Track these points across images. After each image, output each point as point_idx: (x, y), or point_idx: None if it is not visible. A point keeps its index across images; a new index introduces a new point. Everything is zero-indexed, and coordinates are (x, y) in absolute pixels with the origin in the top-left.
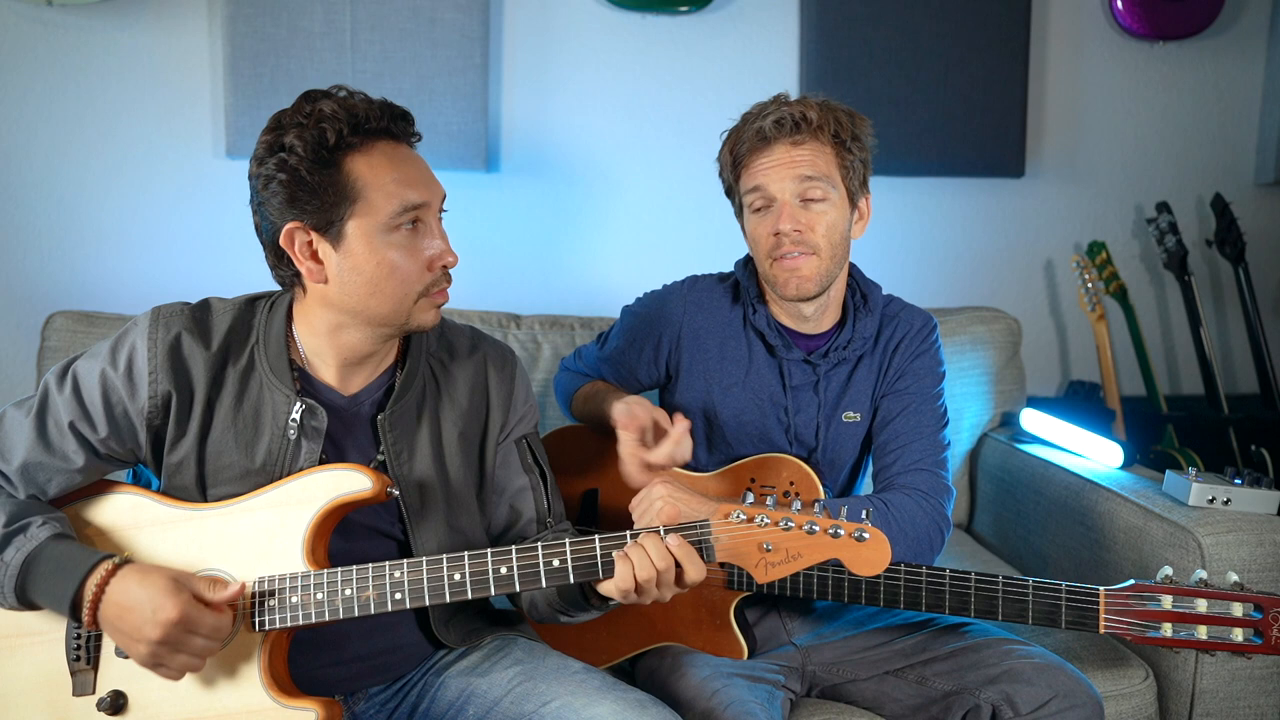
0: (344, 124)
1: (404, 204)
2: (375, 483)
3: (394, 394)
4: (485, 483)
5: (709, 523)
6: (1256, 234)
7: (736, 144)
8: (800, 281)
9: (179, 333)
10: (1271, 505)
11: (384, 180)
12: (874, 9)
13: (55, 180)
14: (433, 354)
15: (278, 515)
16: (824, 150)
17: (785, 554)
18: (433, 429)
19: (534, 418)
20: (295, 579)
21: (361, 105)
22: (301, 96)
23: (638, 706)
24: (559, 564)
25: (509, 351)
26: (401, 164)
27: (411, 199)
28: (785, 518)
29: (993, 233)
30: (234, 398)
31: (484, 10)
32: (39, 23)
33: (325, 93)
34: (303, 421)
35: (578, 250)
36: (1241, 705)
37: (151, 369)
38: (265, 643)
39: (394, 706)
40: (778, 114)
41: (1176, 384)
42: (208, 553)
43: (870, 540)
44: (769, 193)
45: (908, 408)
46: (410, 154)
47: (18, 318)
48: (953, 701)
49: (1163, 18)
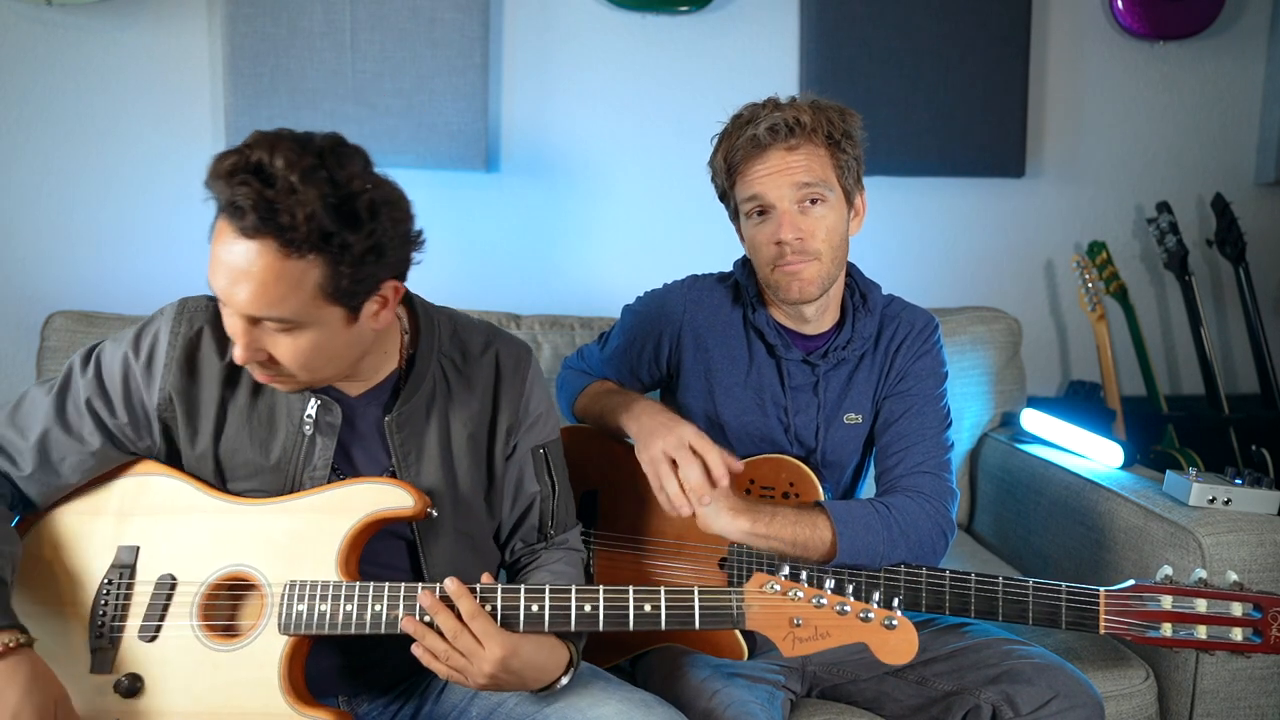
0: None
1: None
2: (417, 501)
3: (400, 396)
4: (494, 485)
5: (744, 591)
6: (1257, 234)
7: (730, 151)
8: (803, 285)
9: (201, 327)
10: (1272, 505)
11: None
12: (874, 9)
13: (55, 180)
14: (445, 354)
15: (316, 521)
16: (818, 153)
17: (814, 631)
18: (441, 431)
19: (551, 424)
20: (327, 588)
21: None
22: (331, 148)
23: (643, 707)
24: (590, 610)
25: (525, 349)
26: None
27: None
28: (818, 595)
29: (993, 233)
30: (249, 395)
31: (484, 10)
32: (39, 22)
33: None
34: (318, 418)
35: (578, 250)
36: (1242, 705)
37: (168, 361)
38: (288, 647)
39: (398, 707)
40: (770, 120)
41: (1177, 384)
42: (243, 548)
43: (899, 629)
44: (767, 200)
45: (910, 409)
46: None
47: (18, 318)
48: (953, 702)
49: (1163, 18)
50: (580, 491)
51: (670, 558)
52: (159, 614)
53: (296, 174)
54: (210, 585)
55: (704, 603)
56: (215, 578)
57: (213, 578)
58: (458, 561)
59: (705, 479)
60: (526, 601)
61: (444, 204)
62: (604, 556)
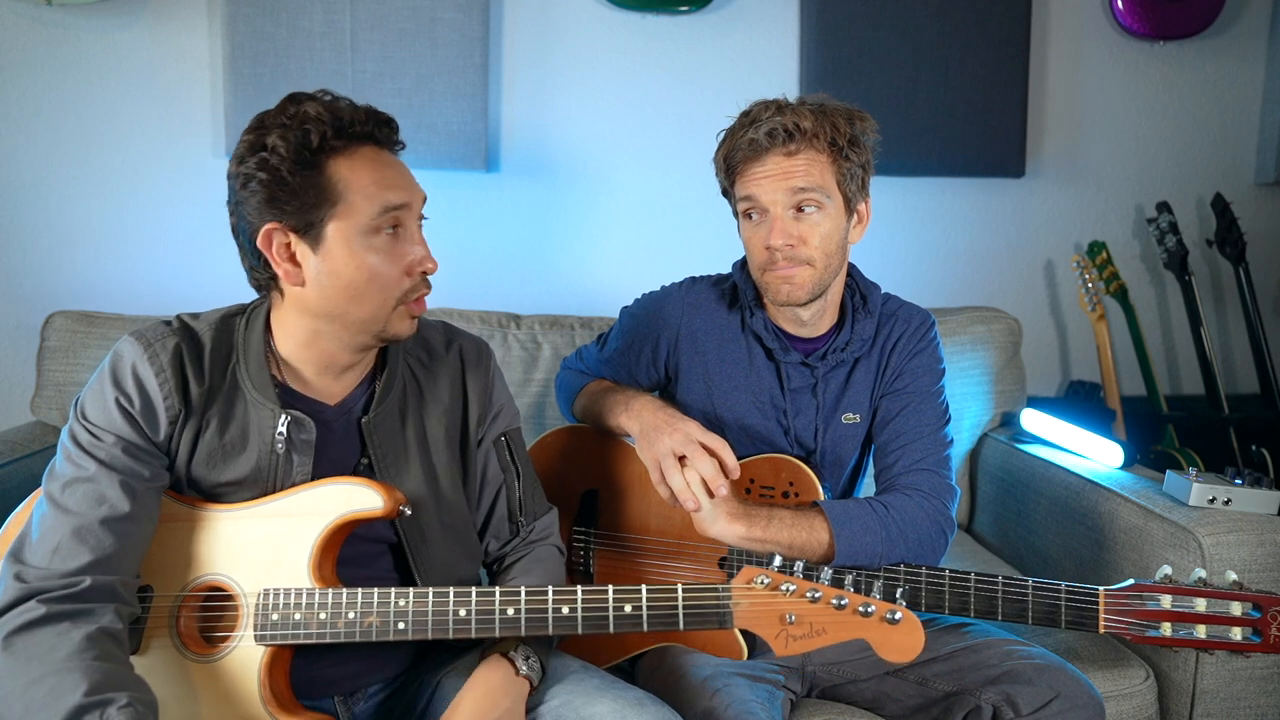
0: (328, 126)
1: (384, 205)
2: (387, 501)
3: (375, 398)
4: (469, 478)
5: (730, 588)
6: (1257, 234)
7: (731, 151)
8: (792, 289)
9: (177, 343)
10: (1272, 505)
11: (364, 182)
12: (874, 9)
13: (55, 180)
14: (410, 353)
15: (288, 526)
16: (819, 159)
17: (809, 628)
18: (418, 430)
19: (511, 412)
20: (300, 595)
21: (346, 109)
22: (286, 98)
23: (636, 705)
24: (568, 612)
25: (483, 345)
26: (383, 167)
27: (391, 200)
28: (813, 589)
29: (993, 233)
30: (220, 420)
31: (484, 10)
32: (38, 22)
33: (310, 95)
34: (290, 435)
35: (578, 250)
36: (1242, 705)
37: (165, 393)
38: (267, 656)
39: (393, 706)
40: (770, 124)
41: (1177, 384)
42: (217, 557)
43: (903, 623)
44: (761, 203)
45: (907, 407)
46: (392, 159)
47: (18, 318)
48: (953, 702)
49: (1163, 18)
50: (580, 491)
51: (670, 558)
52: (138, 626)
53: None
54: (187, 596)
55: (688, 601)
56: (191, 588)
57: (188, 588)
58: (447, 558)
59: (719, 471)
60: (502, 606)
61: (444, 204)
62: (604, 556)
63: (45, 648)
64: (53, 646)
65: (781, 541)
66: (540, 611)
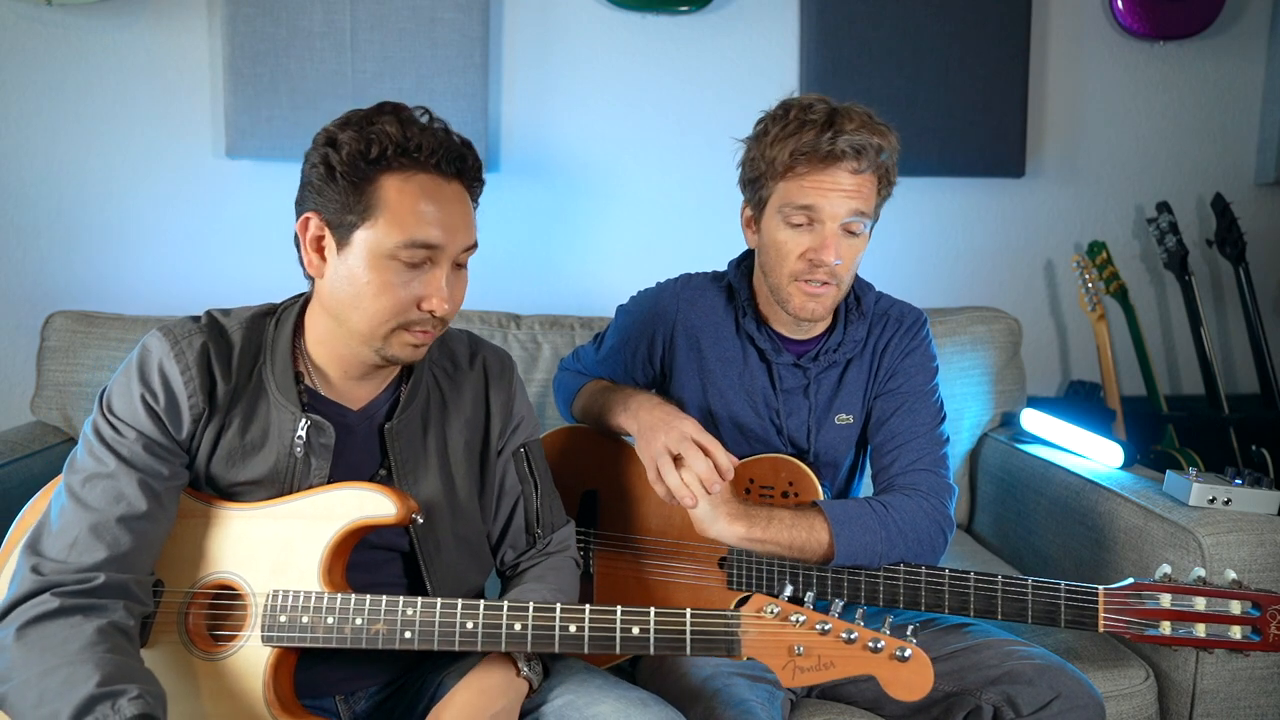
0: (392, 143)
1: (413, 238)
2: (400, 508)
3: (399, 405)
4: (486, 490)
5: (739, 616)
6: (1256, 234)
7: (796, 148)
8: (816, 307)
9: (204, 341)
10: (1272, 505)
11: (404, 209)
12: (874, 9)
13: (55, 180)
14: (435, 363)
15: (299, 528)
16: (871, 181)
17: (817, 660)
18: (439, 439)
19: (532, 424)
20: (309, 598)
21: (420, 133)
22: (378, 105)
23: (640, 705)
24: (575, 631)
25: (506, 357)
26: (434, 200)
27: (421, 236)
28: (822, 621)
29: (993, 233)
30: (243, 419)
31: (484, 10)
32: (38, 22)
33: (400, 109)
34: (309, 438)
35: (578, 250)
36: (1242, 705)
37: (190, 391)
38: (273, 657)
39: (394, 706)
40: (855, 139)
41: (1177, 384)
42: (228, 555)
43: (912, 660)
44: (821, 215)
45: (901, 406)
46: (452, 196)
47: (18, 318)
48: (954, 702)
49: (1163, 18)
50: (580, 491)
51: (670, 558)
52: (148, 621)
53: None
54: (196, 593)
55: (696, 627)
56: (201, 585)
57: (198, 585)
58: (458, 568)
59: (713, 469)
60: (509, 621)
61: None
62: (604, 556)
63: (59, 640)
64: (66, 639)
65: (781, 541)
66: (548, 629)
